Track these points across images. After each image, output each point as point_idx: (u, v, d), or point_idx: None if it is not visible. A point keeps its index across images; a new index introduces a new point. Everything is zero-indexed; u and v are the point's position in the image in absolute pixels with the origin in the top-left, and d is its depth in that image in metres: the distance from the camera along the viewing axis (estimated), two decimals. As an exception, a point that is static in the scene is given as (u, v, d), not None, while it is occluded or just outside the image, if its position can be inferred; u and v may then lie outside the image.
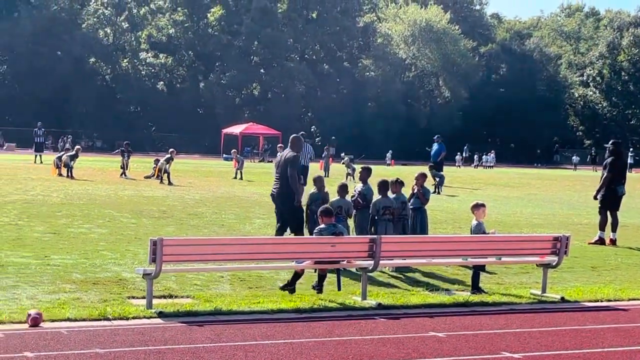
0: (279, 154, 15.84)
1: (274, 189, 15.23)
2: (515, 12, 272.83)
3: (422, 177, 15.71)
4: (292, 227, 14.90)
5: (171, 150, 35.34)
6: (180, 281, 12.23)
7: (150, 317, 9.93)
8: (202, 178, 37.59)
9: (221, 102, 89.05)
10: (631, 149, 77.28)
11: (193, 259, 10.96)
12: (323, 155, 47.22)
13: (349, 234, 12.18)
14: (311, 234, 14.20)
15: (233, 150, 44.90)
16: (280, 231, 14.99)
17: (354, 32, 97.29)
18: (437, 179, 34.65)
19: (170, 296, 11.25)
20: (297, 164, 15.14)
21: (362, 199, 14.59)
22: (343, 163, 44.36)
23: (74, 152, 35.50)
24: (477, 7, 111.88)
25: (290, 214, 14.98)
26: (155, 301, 10.48)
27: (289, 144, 15.49)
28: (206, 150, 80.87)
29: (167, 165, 33.34)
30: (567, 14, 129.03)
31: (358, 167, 23.90)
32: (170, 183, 32.38)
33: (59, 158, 34.75)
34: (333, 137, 79.88)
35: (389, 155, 71.87)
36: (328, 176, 39.61)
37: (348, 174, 39.28)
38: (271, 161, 34.03)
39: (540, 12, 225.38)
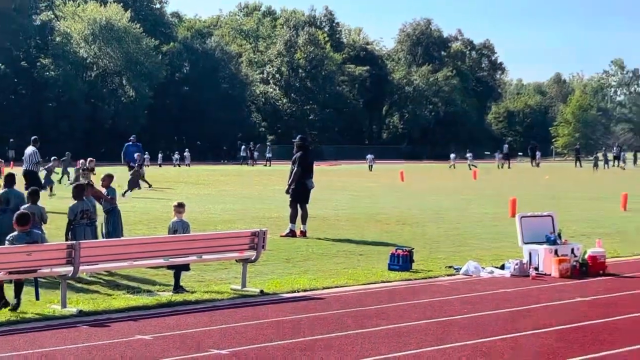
0: None
1: None
2: (195, 11, 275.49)
3: (107, 178, 15.86)
4: None
5: None
6: None
7: None
8: None
9: None
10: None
11: None
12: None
13: (46, 241, 11.72)
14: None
15: None
16: None
17: (30, 31, 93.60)
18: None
19: None
20: None
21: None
22: None
23: None
24: (157, 6, 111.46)
25: None
26: None
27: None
28: None
29: None
30: (246, 12, 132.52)
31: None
32: None
33: None
34: (12, 140, 76.49)
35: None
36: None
37: None
38: None
39: (219, 11, 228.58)
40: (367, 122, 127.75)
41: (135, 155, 38.45)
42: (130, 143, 38.54)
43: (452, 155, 79.40)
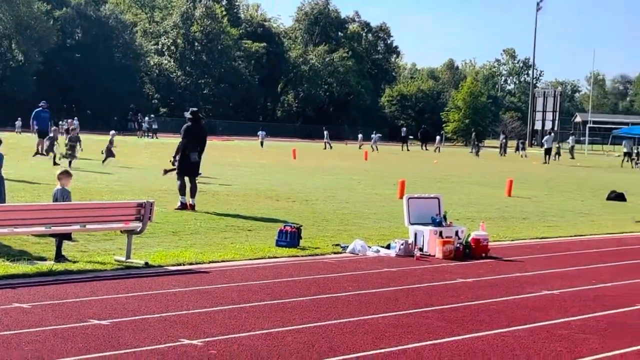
0: None
1: None
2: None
3: None
4: None
5: None
6: None
7: None
8: None
9: None
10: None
11: None
12: None
13: None
14: None
15: None
16: None
17: None
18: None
19: None
20: None
21: None
22: None
23: None
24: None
25: None
26: None
27: None
28: None
29: None
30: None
31: None
32: None
33: None
34: None
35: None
36: None
37: None
38: None
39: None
40: (262, 99, 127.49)
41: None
42: (40, 109, 37.35)
43: (360, 136, 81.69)
